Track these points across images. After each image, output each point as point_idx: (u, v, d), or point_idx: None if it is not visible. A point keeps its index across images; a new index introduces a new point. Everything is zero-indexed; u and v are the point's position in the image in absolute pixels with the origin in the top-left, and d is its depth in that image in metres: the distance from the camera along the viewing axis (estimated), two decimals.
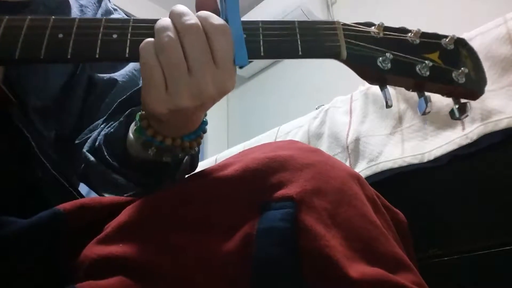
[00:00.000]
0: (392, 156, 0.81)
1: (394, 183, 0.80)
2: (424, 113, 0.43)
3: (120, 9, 0.75)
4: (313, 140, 1.01)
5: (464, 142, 0.71)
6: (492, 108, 0.69)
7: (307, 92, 2.26)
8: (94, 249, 0.38)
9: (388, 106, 0.42)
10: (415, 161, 0.77)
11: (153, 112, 0.40)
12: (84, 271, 0.37)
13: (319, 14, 2.33)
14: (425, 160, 0.76)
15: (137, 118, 0.45)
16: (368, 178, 0.82)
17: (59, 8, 0.61)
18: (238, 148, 1.23)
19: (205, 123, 0.47)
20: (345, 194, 0.39)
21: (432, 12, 1.92)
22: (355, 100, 0.97)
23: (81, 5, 0.66)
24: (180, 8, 0.39)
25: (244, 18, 0.42)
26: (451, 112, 0.44)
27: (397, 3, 2.10)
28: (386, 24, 0.45)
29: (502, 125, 0.67)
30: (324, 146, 0.96)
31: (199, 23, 0.38)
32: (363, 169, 0.85)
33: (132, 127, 0.49)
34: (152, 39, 0.39)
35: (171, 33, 0.38)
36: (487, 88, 0.73)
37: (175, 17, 0.39)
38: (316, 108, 1.08)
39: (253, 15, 2.43)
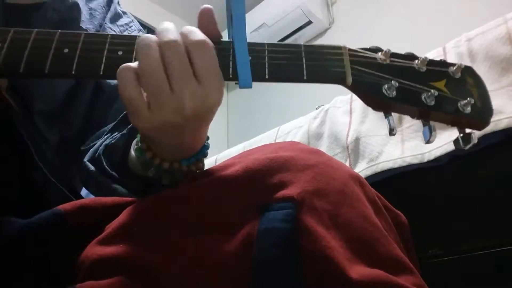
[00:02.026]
0: (392, 156, 0.81)
1: (394, 183, 0.80)
2: (428, 142, 0.42)
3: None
4: (313, 140, 1.01)
5: None
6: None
7: (307, 92, 2.26)
8: (94, 250, 0.38)
9: (392, 134, 0.42)
10: (415, 161, 0.77)
11: (141, 130, 0.40)
12: (85, 272, 0.37)
13: (319, 14, 2.33)
14: (425, 160, 0.76)
15: (138, 138, 0.45)
16: (368, 178, 0.82)
17: (69, 12, 0.61)
18: (238, 148, 1.24)
19: (206, 147, 0.46)
20: (346, 196, 0.39)
21: (432, 12, 1.92)
22: (355, 100, 0.97)
23: (90, 8, 0.66)
24: (164, 24, 0.39)
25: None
26: (456, 141, 0.43)
27: (397, 3, 2.10)
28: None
29: (502, 125, 0.67)
30: (324, 146, 0.96)
31: (179, 39, 0.38)
32: (363, 169, 0.85)
33: (134, 145, 0.49)
34: (130, 65, 0.38)
35: (153, 54, 0.37)
36: (487, 88, 0.73)
37: (157, 34, 0.38)
38: (316, 108, 1.08)
39: (253, 15, 2.43)
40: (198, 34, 0.39)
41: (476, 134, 0.43)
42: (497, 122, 0.67)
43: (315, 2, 2.33)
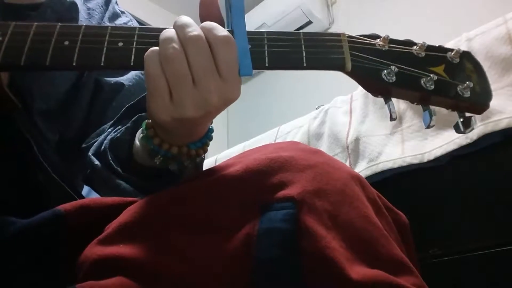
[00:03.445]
0: (392, 156, 0.81)
1: (394, 183, 0.80)
2: (428, 127, 0.43)
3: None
4: (313, 140, 1.01)
5: (464, 142, 0.71)
6: (492, 108, 0.69)
7: (307, 92, 2.26)
8: (94, 250, 0.38)
9: (392, 119, 0.42)
10: (415, 161, 0.77)
11: (158, 120, 0.41)
12: (85, 272, 0.37)
13: (319, 14, 2.33)
14: (425, 160, 0.76)
15: (144, 126, 0.46)
16: (368, 178, 0.82)
17: (67, 11, 0.61)
18: (238, 148, 1.24)
19: (211, 130, 0.47)
20: (346, 196, 0.38)
21: (432, 12, 1.92)
22: (355, 100, 0.97)
23: (88, 8, 0.66)
24: (184, 19, 0.39)
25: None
26: (456, 126, 0.43)
27: (397, 3, 2.10)
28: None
29: (502, 125, 0.67)
30: (324, 146, 0.96)
31: (202, 35, 0.38)
32: (363, 169, 0.85)
33: (139, 134, 0.49)
34: (157, 48, 0.38)
35: (175, 44, 0.37)
36: None
37: (178, 28, 0.39)
38: (316, 108, 1.08)
39: (253, 15, 2.43)
40: (221, 30, 0.39)
41: (476, 118, 0.43)
42: (497, 122, 0.67)
43: (315, 2, 2.33)
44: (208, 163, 1.23)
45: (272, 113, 2.51)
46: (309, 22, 2.34)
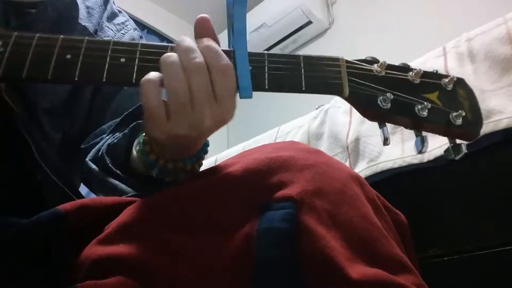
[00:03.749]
0: (392, 156, 0.81)
1: (394, 183, 0.80)
2: (420, 152, 0.44)
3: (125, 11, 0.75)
4: (313, 140, 1.00)
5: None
6: (492, 108, 0.69)
7: None
8: (94, 249, 0.38)
9: (385, 144, 0.43)
10: (415, 161, 0.77)
11: (153, 137, 0.42)
12: (85, 271, 0.37)
13: (319, 14, 2.33)
14: (425, 160, 0.76)
15: (141, 140, 0.46)
16: (368, 178, 0.82)
17: (67, 9, 0.62)
18: (238, 148, 1.24)
19: (206, 145, 0.48)
20: (346, 195, 0.39)
21: (432, 12, 1.92)
22: None
23: (87, 7, 0.67)
24: (186, 43, 0.40)
25: None
26: (446, 151, 0.44)
27: (397, 3, 2.10)
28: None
29: (502, 125, 0.67)
30: (324, 146, 0.96)
31: (204, 62, 0.39)
32: (363, 169, 0.84)
33: (136, 145, 0.50)
34: (154, 77, 0.38)
35: (180, 74, 0.38)
36: (487, 88, 0.72)
37: (181, 53, 0.39)
38: (316, 108, 1.08)
39: (253, 15, 2.43)
40: (222, 58, 0.40)
41: (466, 144, 0.44)
42: (497, 122, 0.67)
43: (315, 2, 2.33)
44: (208, 163, 1.23)
45: (272, 113, 2.51)
46: (309, 22, 2.34)
